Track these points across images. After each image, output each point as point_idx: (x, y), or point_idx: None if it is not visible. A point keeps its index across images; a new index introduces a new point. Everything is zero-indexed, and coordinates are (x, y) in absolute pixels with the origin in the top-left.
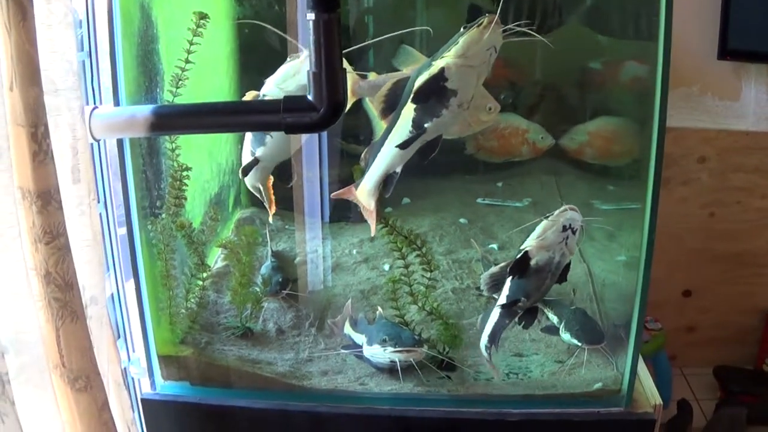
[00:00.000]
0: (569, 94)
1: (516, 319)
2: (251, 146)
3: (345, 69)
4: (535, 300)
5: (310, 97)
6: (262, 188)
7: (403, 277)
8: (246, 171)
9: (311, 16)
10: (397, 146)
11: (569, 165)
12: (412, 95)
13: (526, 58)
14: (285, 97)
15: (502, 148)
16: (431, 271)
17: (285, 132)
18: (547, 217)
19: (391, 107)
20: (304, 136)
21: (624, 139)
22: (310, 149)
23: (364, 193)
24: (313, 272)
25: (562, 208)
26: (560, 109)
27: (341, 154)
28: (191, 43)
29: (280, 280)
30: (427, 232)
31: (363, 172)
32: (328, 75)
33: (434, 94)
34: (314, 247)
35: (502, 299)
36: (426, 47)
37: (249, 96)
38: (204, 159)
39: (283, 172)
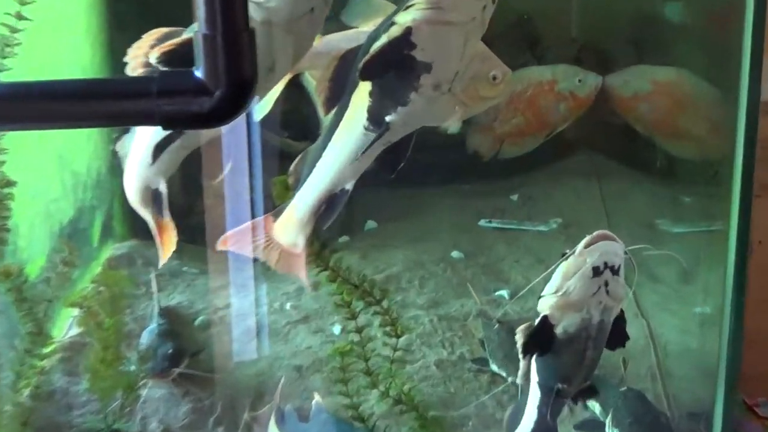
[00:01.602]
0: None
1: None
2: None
3: (253, 29)
4: (581, 382)
5: (198, 73)
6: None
7: (355, 347)
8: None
9: None
10: (345, 154)
11: (614, 154)
12: (359, 67)
13: None
14: (162, 72)
15: (532, 120)
16: (398, 336)
17: (162, 128)
18: (567, 255)
19: (340, 93)
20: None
21: (700, 109)
22: (232, 147)
23: (290, 226)
24: (224, 339)
25: (589, 238)
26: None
27: (281, 155)
28: None
29: (171, 352)
30: (401, 272)
31: (290, 190)
32: (227, 37)
33: (396, 70)
34: (228, 300)
35: (534, 388)
36: None
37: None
38: (49, 167)
39: (188, 184)
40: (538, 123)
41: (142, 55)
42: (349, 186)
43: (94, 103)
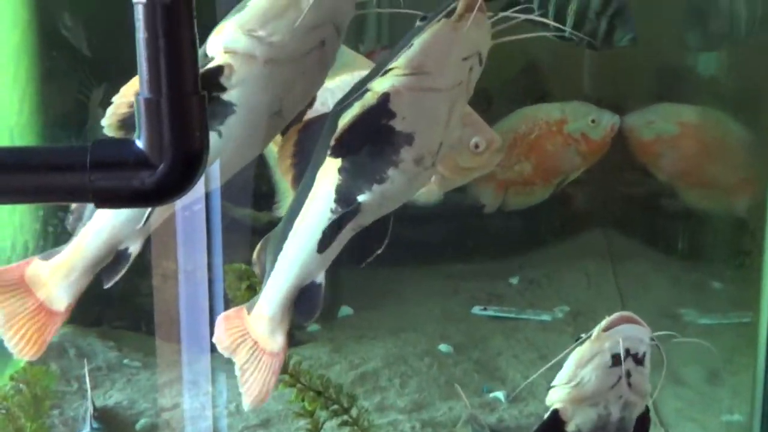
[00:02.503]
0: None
1: None
2: None
3: (204, 93)
4: None
5: (140, 143)
6: None
7: None
8: None
9: None
10: (311, 242)
11: (632, 231)
12: (331, 145)
13: None
14: (96, 141)
15: (539, 167)
16: None
17: (95, 206)
18: (582, 339)
19: (305, 169)
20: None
21: (730, 156)
22: (186, 219)
23: (263, 325)
24: None
25: (609, 320)
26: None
27: (244, 229)
28: None
29: None
30: (379, 369)
31: (243, 281)
32: (173, 102)
33: (372, 143)
34: (177, 399)
35: None
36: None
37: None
38: None
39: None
40: (546, 170)
41: (121, 113)
42: (319, 279)
43: (17, 176)
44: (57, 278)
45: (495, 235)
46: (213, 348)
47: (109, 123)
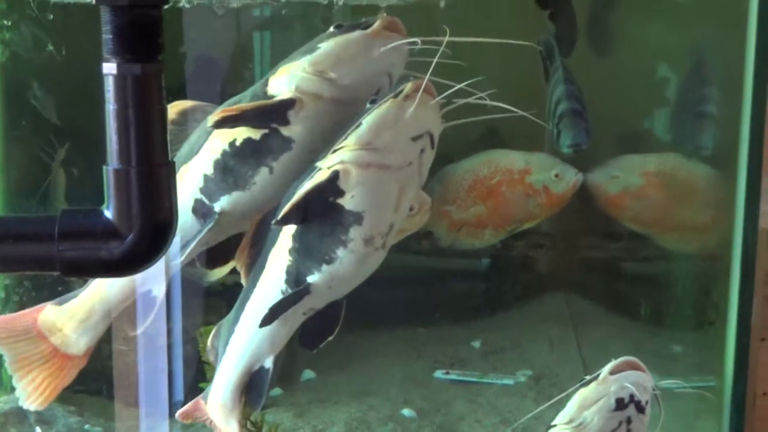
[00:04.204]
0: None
1: None
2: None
3: (173, 162)
4: None
5: (108, 213)
6: None
7: None
8: None
9: (110, 68)
10: (260, 324)
11: (594, 295)
12: (277, 216)
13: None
14: (64, 211)
15: (494, 212)
16: None
17: (63, 275)
18: (585, 381)
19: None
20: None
21: (699, 196)
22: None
23: (218, 411)
24: None
25: (615, 364)
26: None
27: (206, 294)
28: None
29: None
30: None
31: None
32: (142, 172)
33: (321, 222)
34: None
35: None
36: None
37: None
38: None
39: None
40: (501, 216)
41: None
42: (268, 364)
43: None
44: (74, 322)
45: (457, 299)
46: (171, 413)
47: None
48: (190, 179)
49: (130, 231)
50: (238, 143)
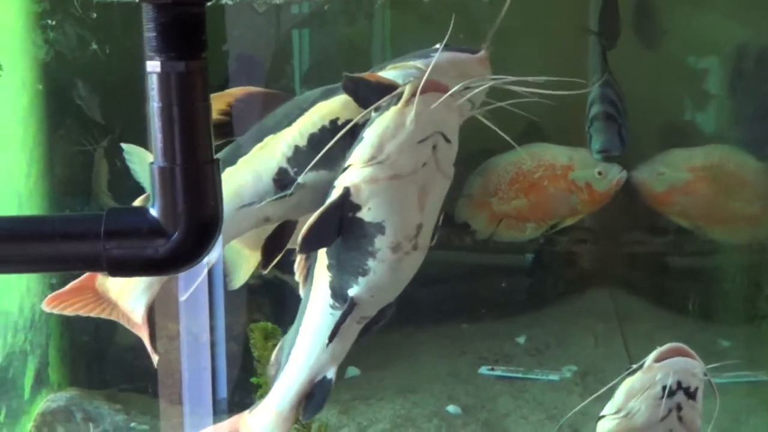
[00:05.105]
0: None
1: None
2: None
3: (218, 159)
4: None
5: (153, 212)
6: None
7: None
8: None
9: (154, 66)
10: (318, 338)
11: (640, 290)
12: (298, 243)
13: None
14: (110, 209)
15: (536, 206)
16: None
17: (109, 275)
18: (631, 370)
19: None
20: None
21: (749, 186)
22: (190, 286)
23: (267, 420)
24: None
25: (660, 351)
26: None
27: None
28: None
29: None
30: (387, 431)
31: (269, 341)
32: (187, 170)
33: (347, 237)
34: None
35: None
36: None
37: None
38: None
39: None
40: (542, 210)
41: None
42: (330, 374)
43: (31, 245)
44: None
45: (501, 294)
46: (215, 410)
47: None
48: (277, 148)
49: (176, 229)
50: (339, 122)
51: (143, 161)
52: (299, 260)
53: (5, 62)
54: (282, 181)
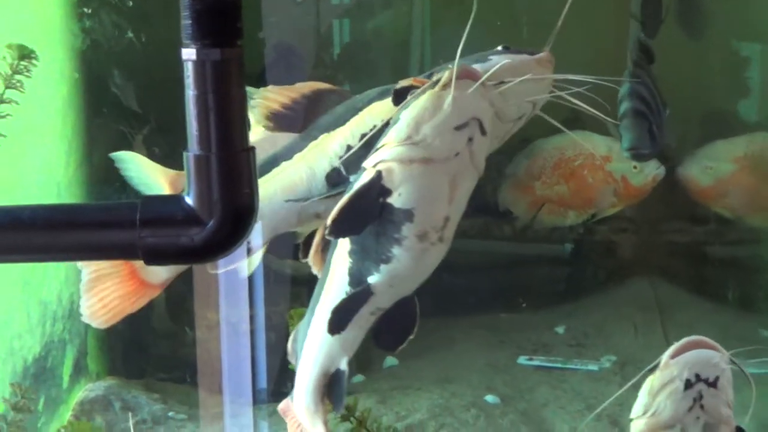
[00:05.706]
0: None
1: None
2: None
3: (253, 147)
4: None
5: (189, 200)
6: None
7: None
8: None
9: (189, 53)
10: (329, 330)
11: (680, 279)
12: (327, 225)
13: None
14: (145, 198)
15: (575, 193)
16: None
17: (145, 263)
18: (652, 367)
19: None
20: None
21: None
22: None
23: (303, 414)
24: None
25: (677, 346)
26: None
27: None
28: None
29: None
30: (425, 420)
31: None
32: (222, 158)
33: (374, 222)
34: None
35: None
36: None
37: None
38: (12, 295)
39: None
40: (582, 198)
41: (271, 106)
42: (343, 366)
43: (67, 233)
44: None
45: (540, 284)
46: (255, 400)
47: (259, 112)
48: (331, 147)
49: (211, 217)
50: None
51: (137, 166)
52: (315, 247)
53: (44, 53)
54: (334, 179)
